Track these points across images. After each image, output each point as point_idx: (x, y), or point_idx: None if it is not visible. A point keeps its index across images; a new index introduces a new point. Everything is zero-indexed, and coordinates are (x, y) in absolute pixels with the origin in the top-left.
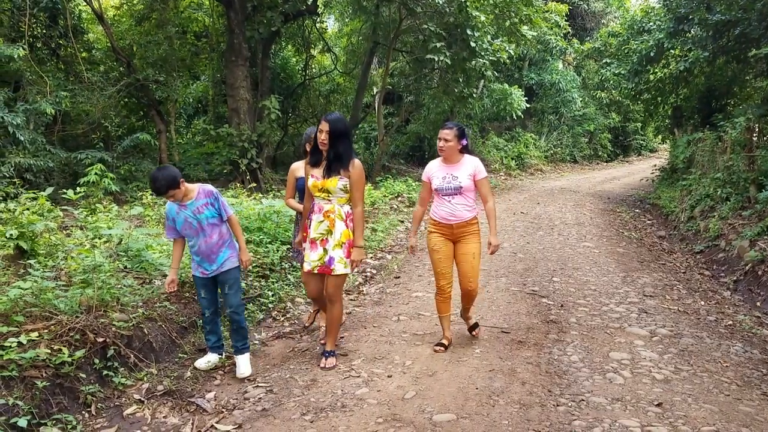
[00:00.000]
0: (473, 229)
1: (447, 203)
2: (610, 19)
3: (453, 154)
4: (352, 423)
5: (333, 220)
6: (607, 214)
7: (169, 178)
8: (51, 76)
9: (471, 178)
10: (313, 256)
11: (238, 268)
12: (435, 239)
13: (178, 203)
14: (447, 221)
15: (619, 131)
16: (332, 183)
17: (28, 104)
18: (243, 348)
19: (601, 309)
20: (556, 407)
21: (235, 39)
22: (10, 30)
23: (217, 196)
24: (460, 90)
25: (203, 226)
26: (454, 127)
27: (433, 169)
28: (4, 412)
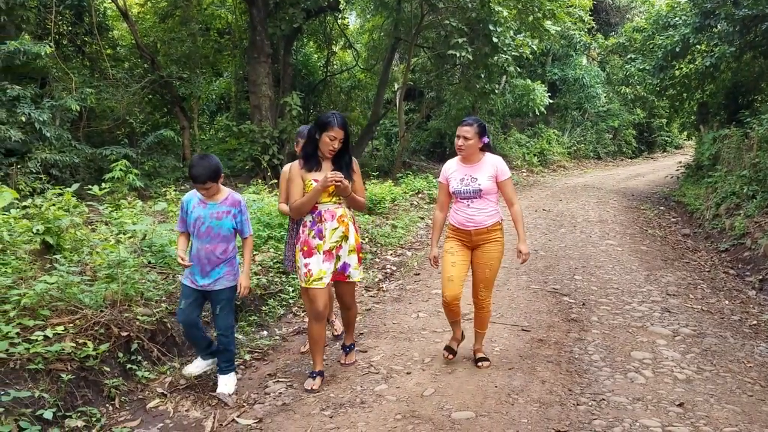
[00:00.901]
0: (495, 236)
1: (465, 207)
2: (635, 14)
3: (473, 153)
4: (371, 419)
5: (347, 224)
6: (631, 212)
7: (213, 168)
8: (77, 73)
9: (492, 179)
10: (330, 266)
11: (233, 289)
12: (452, 244)
13: (199, 198)
14: (465, 227)
15: (644, 127)
16: None
17: (54, 101)
18: (227, 368)
19: (624, 308)
20: (577, 406)
21: (258, 36)
22: (36, 27)
23: (243, 209)
24: (482, 86)
25: (214, 233)
26: (475, 123)
27: (451, 170)
28: (30, 404)
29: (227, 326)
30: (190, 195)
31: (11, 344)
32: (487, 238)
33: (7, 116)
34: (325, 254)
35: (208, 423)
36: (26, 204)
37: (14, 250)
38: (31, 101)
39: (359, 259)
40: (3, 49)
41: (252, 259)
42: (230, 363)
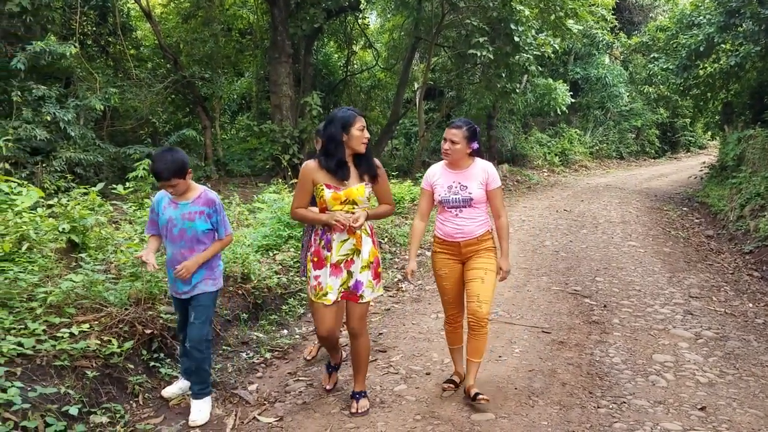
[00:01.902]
0: (486, 245)
1: (453, 217)
2: (658, 12)
3: (460, 159)
4: (390, 419)
5: (360, 236)
6: (654, 213)
7: (178, 163)
8: (101, 73)
9: (483, 187)
10: (336, 282)
11: (212, 295)
12: (441, 261)
13: (170, 197)
14: (453, 239)
15: (667, 127)
16: (360, 192)
17: (78, 100)
18: (200, 392)
19: (645, 310)
20: (597, 409)
21: (279, 36)
22: (61, 28)
23: (218, 209)
24: (503, 85)
25: (187, 236)
26: (464, 126)
27: (436, 176)
28: (56, 400)
29: (200, 338)
30: (161, 194)
31: (38, 341)
32: (478, 249)
33: (32, 116)
34: (332, 267)
35: (229, 421)
36: (52, 203)
37: (41, 248)
38: (56, 101)
39: (376, 274)
40: (29, 50)
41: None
42: (205, 385)
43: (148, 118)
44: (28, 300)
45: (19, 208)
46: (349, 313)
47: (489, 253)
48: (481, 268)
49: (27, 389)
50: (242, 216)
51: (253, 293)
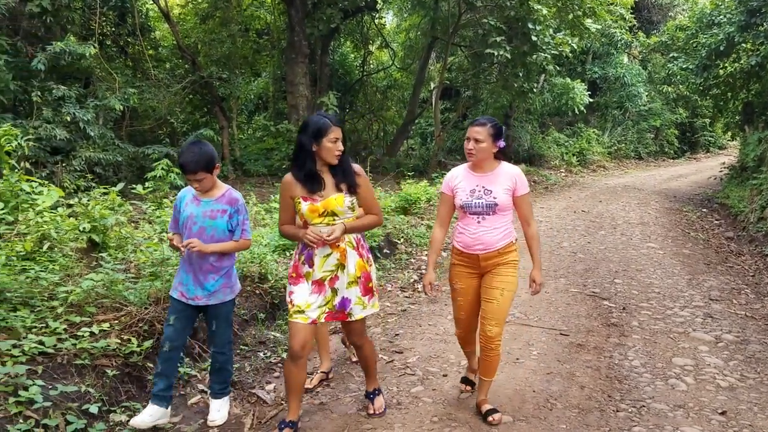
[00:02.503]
0: (508, 258)
1: (474, 225)
2: (677, 11)
3: (485, 158)
4: (407, 420)
5: (344, 250)
6: (673, 214)
7: (206, 156)
8: (119, 73)
9: (509, 192)
10: (319, 300)
11: (231, 303)
12: (457, 275)
13: (194, 194)
14: (471, 250)
15: (687, 127)
16: (339, 202)
17: (98, 100)
18: (220, 392)
19: (665, 313)
20: (616, 413)
21: (296, 36)
22: (81, 28)
23: (240, 209)
24: (520, 84)
25: (206, 235)
26: (488, 123)
27: (458, 179)
28: (77, 399)
29: (225, 342)
30: (184, 191)
31: (59, 340)
32: (499, 262)
33: (53, 115)
34: (314, 285)
35: (247, 420)
36: (72, 202)
37: (62, 247)
38: (75, 101)
39: (368, 289)
40: (49, 50)
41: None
42: (225, 384)
43: (167, 118)
44: (50, 299)
45: (40, 208)
46: (346, 330)
47: (509, 269)
48: (497, 288)
49: (48, 387)
50: (259, 216)
51: (270, 293)
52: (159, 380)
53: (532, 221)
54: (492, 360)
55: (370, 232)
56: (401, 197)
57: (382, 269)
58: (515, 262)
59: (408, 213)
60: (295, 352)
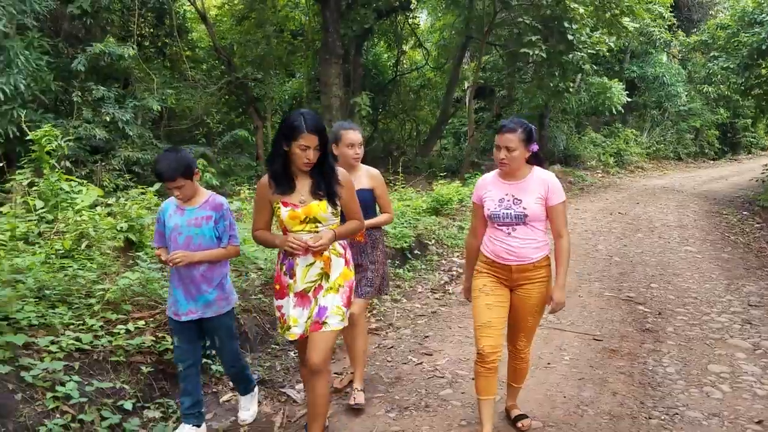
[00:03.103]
0: (541, 274)
1: (504, 236)
2: (718, 10)
3: (519, 167)
4: (435, 423)
5: (328, 258)
6: (712, 217)
7: (184, 163)
8: (157, 74)
9: (541, 201)
10: (305, 314)
11: (230, 314)
12: (486, 279)
13: (176, 204)
14: (504, 261)
15: (728, 128)
16: (322, 208)
17: (136, 101)
18: (245, 390)
19: (702, 318)
20: (648, 420)
21: (330, 37)
22: (119, 29)
23: (224, 214)
24: (556, 84)
25: (193, 244)
26: (519, 127)
27: (487, 187)
28: (111, 395)
29: (233, 356)
30: (166, 203)
31: (95, 336)
32: (531, 277)
33: (92, 116)
34: (297, 297)
35: (277, 419)
36: (110, 202)
37: (99, 246)
38: (114, 101)
39: (348, 300)
40: (89, 51)
41: None
42: (249, 383)
43: (203, 118)
44: (87, 296)
45: (79, 207)
46: (308, 346)
47: (540, 287)
48: (527, 305)
49: (84, 383)
50: None
51: None
52: (184, 399)
53: (565, 234)
54: (522, 367)
55: (401, 233)
56: (433, 198)
57: (412, 270)
58: (546, 279)
59: (439, 214)
60: (304, 359)
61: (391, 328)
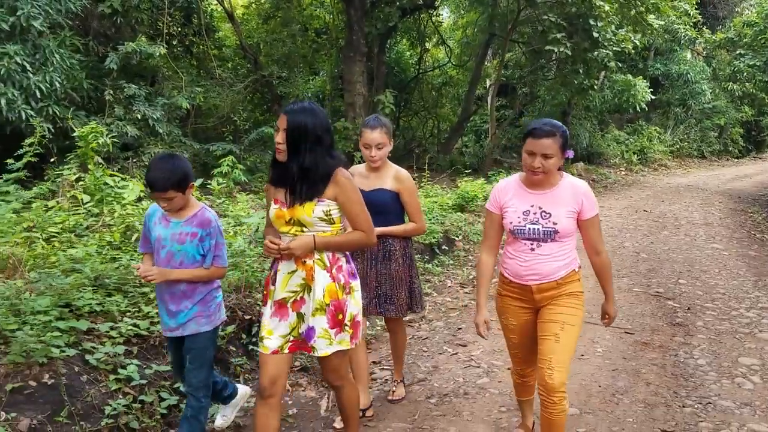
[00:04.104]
0: (569, 289)
1: (526, 252)
2: (744, 7)
3: (552, 175)
4: (475, 409)
5: (311, 268)
6: (738, 215)
7: (178, 173)
8: (185, 72)
9: (573, 215)
10: (282, 327)
11: (208, 334)
12: (508, 308)
13: (163, 213)
14: (523, 281)
15: (752, 125)
16: (306, 210)
17: (166, 99)
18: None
19: (730, 313)
20: (682, 408)
21: (354, 35)
22: (148, 28)
23: (212, 232)
24: (581, 81)
25: (174, 261)
26: (557, 131)
27: (508, 195)
28: (168, 377)
29: (198, 384)
30: (154, 207)
31: (151, 323)
32: (558, 294)
33: (124, 113)
34: (275, 306)
35: (323, 403)
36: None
37: None
38: (144, 99)
39: (336, 322)
40: (121, 50)
41: None
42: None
43: (230, 116)
44: (141, 285)
45: (125, 201)
46: (321, 366)
47: (571, 300)
48: (557, 321)
49: (143, 367)
50: None
51: None
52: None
53: (602, 249)
54: (556, 419)
55: (429, 228)
56: (458, 195)
57: (441, 265)
58: (578, 293)
59: (465, 210)
60: (263, 387)
61: (423, 321)
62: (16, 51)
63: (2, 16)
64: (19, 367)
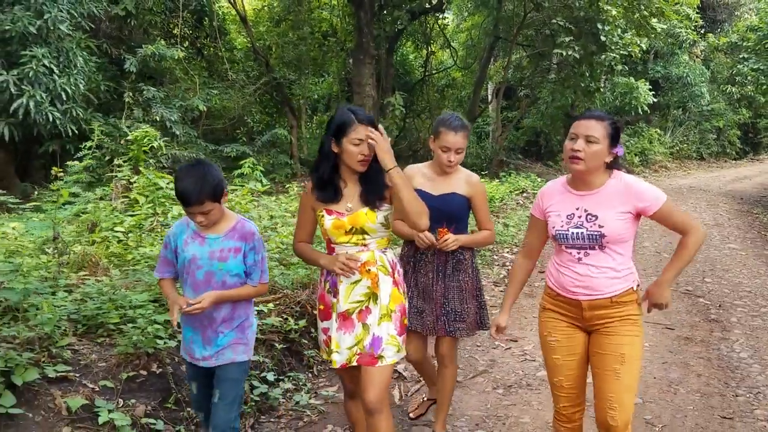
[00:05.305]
0: (626, 312)
1: (574, 262)
2: (744, 11)
3: (597, 169)
4: (542, 399)
5: (376, 275)
6: (744, 216)
7: (214, 181)
8: (197, 75)
9: (627, 217)
10: (348, 339)
11: (243, 366)
12: (550, 323)
13: (194, 229)
14: (571, 295)
15: (749, 128)
16: (370, 218)
17: (181, 101)
18: None
19: (760, 310)
20: (736, 397)
21: (363, 38)
22: (160, 31)
23: (256, 246)
24: (587, 84)
25: (215, 281)
26: (606, 119)
27: (553, 198)
28: (255, 368)
29: (227, 424)
30: (180, 225)
31: None
32: (611, 315)
33: (143, 115)
34: (339, 319)
35: (395, 392)
36: None
37: None
38: (161, 101)
39: (402, 327)
40: (139, 53)
41: None
42: None
43: (243, 118)
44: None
45: None
46: (363, 381)
47: (630, 327)
48: (616, 354)
49: None
50: None
51: None
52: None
53: (692, 228)
54: None
55: None
56: None
57: None
58: (636, 317)
59: None
60: (349, 390)
61: None
62: (43, 54)
63: (30, 19)
64: (129, 358)
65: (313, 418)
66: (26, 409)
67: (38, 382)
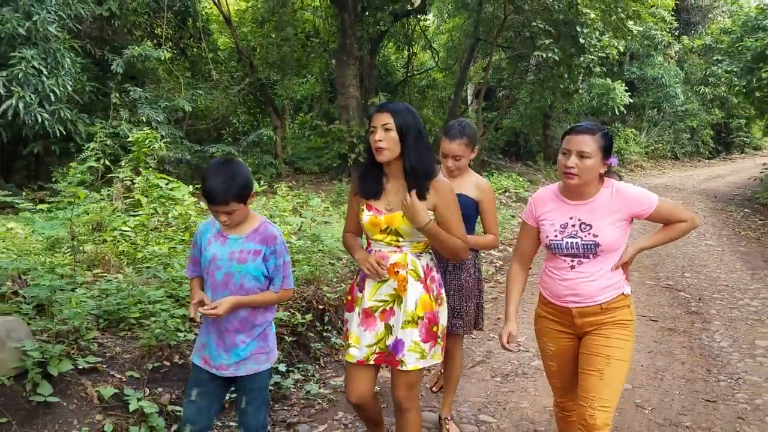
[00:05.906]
0: (617, 317)
1: (566, 270)
2: (717, 13)
3: (591, 182)
4: (538, 386)
5: (404, 278)
6: (718, 213)
7: (242, 181)
8: (181, 75)
9: (622, 225)
10: (368, 337)
11: (267, 374)
12: (547, 332)
13: (218, 229)
14: (562, 302)
15: (722, 127)
16: (406, 221)
17: (167, 101)
18: None
19: (737, 303)
20: (718, 383)
21: (347, 39)
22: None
23: (278, 249)
24: (566, 86)
25: (234, 284)
26: (598, 131)
27: (546, 207)
28: None
29: (257, 426)
30: (206, 224)
31: None
32: (602, 321)
33: (129, 116)
34: (362, 315)
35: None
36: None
37: None
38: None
39: (430, 335)
40: (126, 54)
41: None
42: None
43: (228, 118)
44: None
45: (187, 201)
46: (392, 379)
47: (619, 331)
48: (601, 355)
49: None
50: None
51: None
52: None
53: (687, 216)
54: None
55: None
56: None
57: None
58: (628, 322)
59: None
60: (353, 405)
61: None
62: (32, 55)
63: (18, 21)
64: (152, 350)
65: (324, 406)
66: (61, 398)
67: (71, 373)
